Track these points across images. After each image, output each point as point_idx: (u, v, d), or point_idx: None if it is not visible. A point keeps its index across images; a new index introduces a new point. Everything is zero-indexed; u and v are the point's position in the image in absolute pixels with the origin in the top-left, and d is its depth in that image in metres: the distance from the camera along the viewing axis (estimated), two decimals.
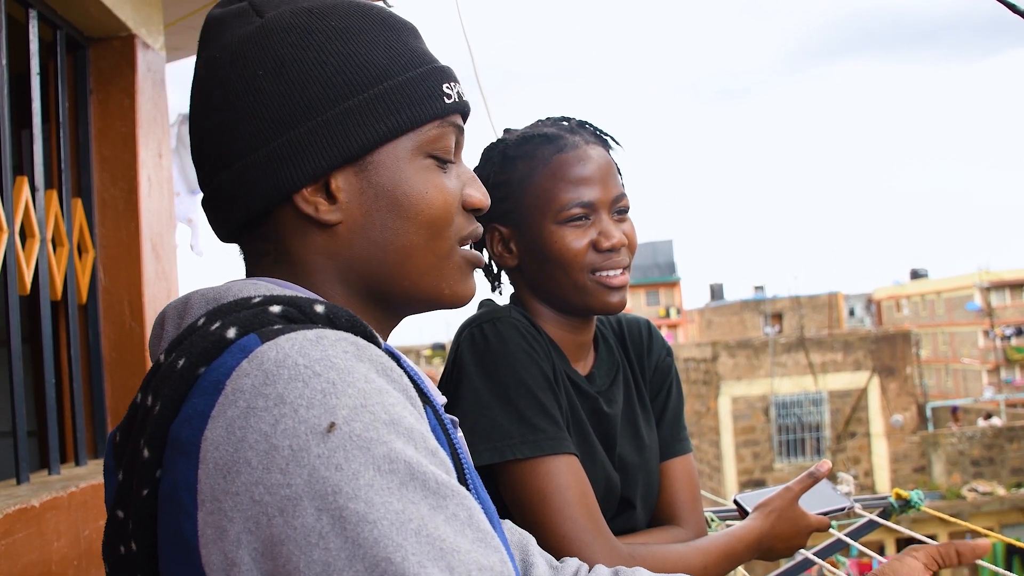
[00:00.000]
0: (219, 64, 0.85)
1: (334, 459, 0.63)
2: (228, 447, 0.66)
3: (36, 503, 1.83)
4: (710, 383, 19.76)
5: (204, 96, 0.87)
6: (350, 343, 0.71)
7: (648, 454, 1.55)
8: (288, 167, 0.83)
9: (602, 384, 1.54)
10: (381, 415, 0.67)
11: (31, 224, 2.17)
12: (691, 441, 1.63)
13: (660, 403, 1.62)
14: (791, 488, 1.49)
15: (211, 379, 0.70)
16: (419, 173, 0.88)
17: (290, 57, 0.84)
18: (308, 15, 0.86)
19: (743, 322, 35.35)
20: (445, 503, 0.66)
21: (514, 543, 1.11)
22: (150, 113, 2.75)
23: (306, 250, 0.87)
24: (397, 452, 0.65)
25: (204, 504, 0.66)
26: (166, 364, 0.75)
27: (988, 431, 20.18)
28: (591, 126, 1.55)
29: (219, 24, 0.88)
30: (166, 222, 2.85)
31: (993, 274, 39.81)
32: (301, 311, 0.75)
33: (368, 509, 0.62)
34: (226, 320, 0.74)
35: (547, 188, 1.45)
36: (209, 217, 0.92)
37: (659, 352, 1.64)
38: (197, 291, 0.84)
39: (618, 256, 1.46)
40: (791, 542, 1.49)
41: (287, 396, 0.66)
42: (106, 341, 2.59)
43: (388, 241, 0.87)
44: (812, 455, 19.69)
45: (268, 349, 0.69)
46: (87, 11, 2.47)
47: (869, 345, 20.16)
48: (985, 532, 2.05)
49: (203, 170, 0.89)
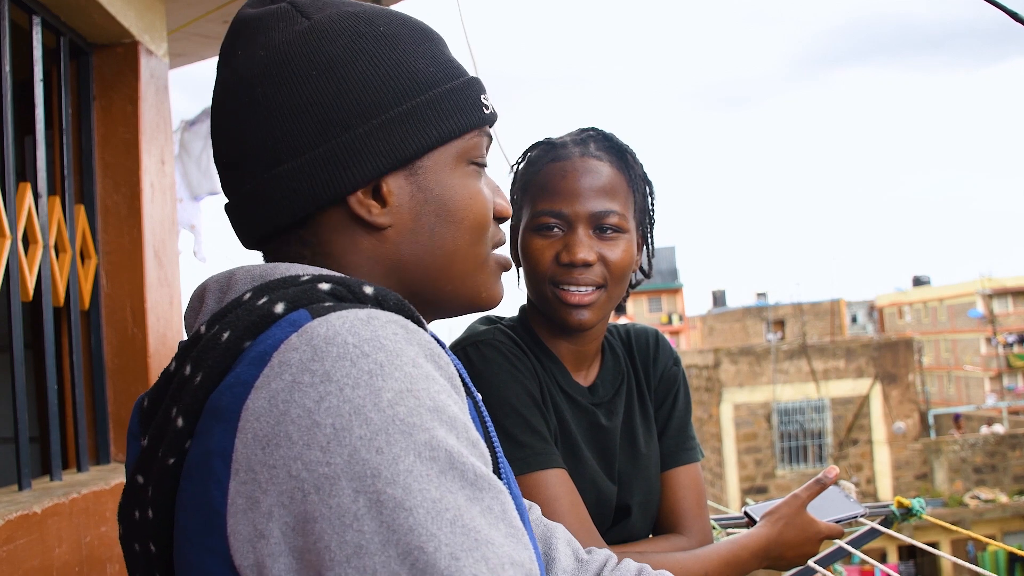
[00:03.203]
0: (266, 62, 0.83)
1: (375, 442, 0.63)
2: (270, 419, 0.66)
3: (38, 509, 1.83)
4: (712, 390, 19.75)
5: (245, 94, 0.84)
6: (400, 325, 0.71)
7: (644, 463, 1.54)
8: (344, 168, 0.83)
9: (604, 395, 1.54)
10: (426, 401, 0.66)
11: (34, 230, 2.17)
12: (699, 449, 1.62)
13: (665, 411, 1.61)
14: (798, 495, 1.48)
15: (258, 350, 0.70)
16: (463, 179, 0.90)
17: (343, 59, 0.84)
18: (356, 19, 0.86)
19: (745, 329, 35.31)
20: (482, 495, 0.65)
21: (538, 534, 1.10)
22: (153, 120, 2.76)
23: (350, 253, 0.87)
24: (439, 440, 0.65)
25: (238, 473, 0.66)
26: (208, 336, 0.75)
27: (990, 438, 20.14)
28: (610, 140, 1.51)
29: (258, 24, 0.86)
30: (169, 228, 2.85)
31: (996, 281, 39.76)
32: (350, 290, 0.75)
33: (405, 495, 0.62)
34: (274, 296, 0.74)
35: (531, 194, 1.47)
36: (239, 220, 0.89)
37: (665, 361, 1.63)
38: (242, 267, 0.83)
39: (583, 273, 1.42)
40: (801, 549, 1.47)
41: (334, 374, 0.65)
42: (108, 347, 2.59)
43: (435, 245, 0.89)
44: (814, 462, 19.66)
45: (318, 325, 0.69)
46: (90, 18, 2.47)
47: (871, 352, 20.15)
48: (987, 540, 2.04)
49: (238, 170, 0.86)
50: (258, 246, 0.90)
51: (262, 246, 0.90)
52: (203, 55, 3.72)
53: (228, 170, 0.87)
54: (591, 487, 1.46)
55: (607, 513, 1.49)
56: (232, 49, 0.87)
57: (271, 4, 0.88)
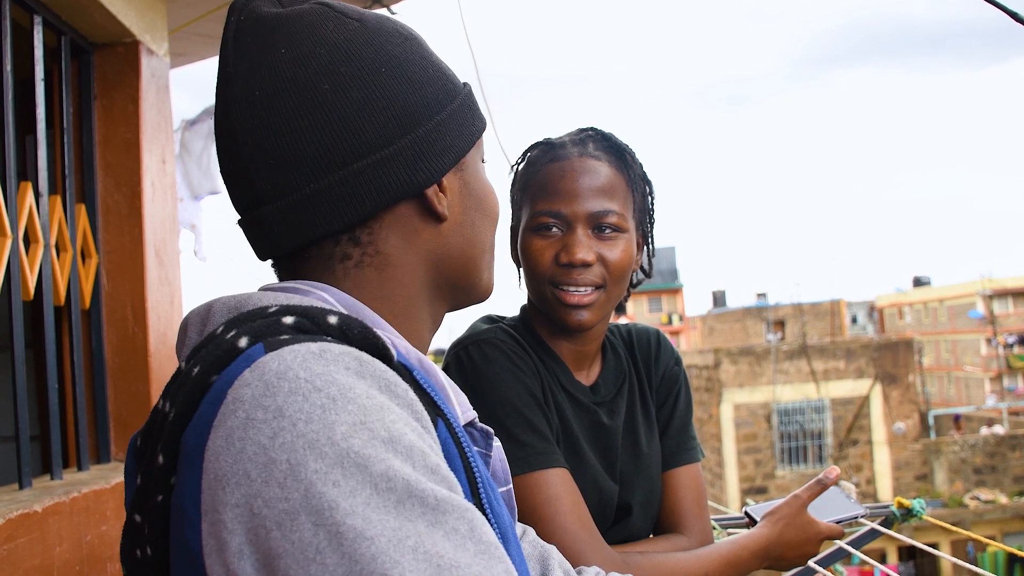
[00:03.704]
0: (330, 59, 0.82)
1: (331, 475, 0.63)
2: (228, 458, 0.66)
3: (38, 508, 1.83)
4: (712, 390, 19.74)
5: (305, 92, 0.81)
6: (353, 358, 0.71)
7: (646, 462, 1.54)
8: (424, 162, 0.86)
9: (607, 394, 1.54)
10: (380, 432, 0.66)
11: (35, 229, 2.18)
12: (700, 449, 1.62)
13: (667, 411, 1.61)
14: (799, 496, 1.48)
15: (217, 388, 0.70)
16: (485, 175, 0.96)
17: (404, 58, 0.86)
18: (392, 23, 0.89)
19: (745, 329, 35.31)
20: (445, 518, 0.65)
21: (535, 555, 1.11)
22: (154, 119, 2.76)
23: (404, 250, 0.88)
24: (395, 469, 0.65)
25: (207, 514, 0.66)
26: (184, 371, 0.76)
27: (990, 439, 20.13)
28: (608, 140, 1.51)
29: (299, 23, 0.84)
30: (169, 228, 2.85)
31: (996, 282, 39.76)
32: (314, 322, 0.75)
33: (365, 525, 0.62)
34: (241, 329, 0.74)
35: (530, 194, 1.47)
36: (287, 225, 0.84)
37: (667, 361, 1.64)
38: (220, 299, 0.83)
39: (582, 274, 1.41)
40: (801, 550, 1.47)
41: (286, 409, 0.66)
42: (109, 346, 2.60)
43: (475, 237, 0.94)
44: (814, 463, 19.66)
45: (270, 360, 0.69)
46: (92, 17, 2.48)
47: (871, 353, 20.14)
48: (987, 541, 2.05)
49: (296, 171, 0.82)
50: (292, 253, 0.87)
51: (299, 251, 0.87)
52: (204, 55, 3.72)
53: (276, 174, 0.83)
54: (593, 486, 1.46)
55: (608, 512, 1.49)
56: (267, 48, 0.83)
57: (297, 4, 0.87)
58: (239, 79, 0.84)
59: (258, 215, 0.85)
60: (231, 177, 0.87)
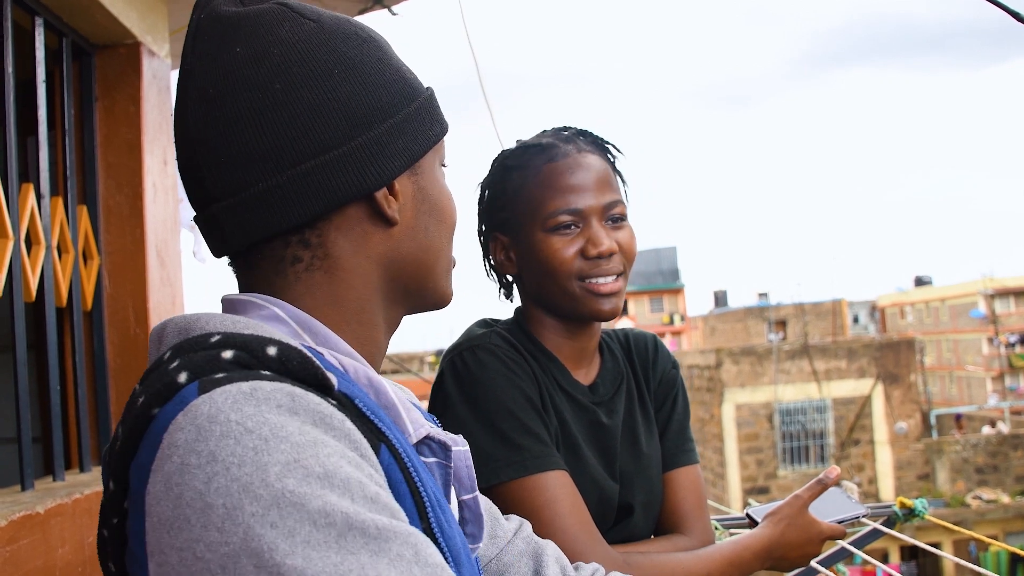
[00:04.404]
0: (283, 60, 0.82)
1: (268, 516, 0.63)
2: (168, 503, 0.66)
3: (41, 510, 1.83)
4: (714, 390, 19.74)
5: (256, 92, 0.82)
6: (285, 394, 0.70)
7: (646, 462, 1.55)
8: (373, 165, 0.85)
9: (605, 393, 1.55)
10: (315, 468, 0.66)
11: (36, 231, 2.18)
12: (697, 452, 1.63)
13: (665, 413, 1.63)
14: (800, 496, 1.49)
15: (154, 429, 0.71)
16: (442, 179, 0.95)
17: (358, 60, 0.86)
18: (351, 24, 0.89)
19: (747, 329, 35.30)
20: (388, 545, 0.65)
21: (528, 552, 1.11)
22: (155, 120, 2.76)
23: (353, 252, 0.87)
24: (332, 505, 0.65)
25: (153, 555, 0.67)
26: (135, 395, 0.76)
27: (992, 438, 20.12)
28: (590, 134, 1.56)
29: (255, 21, 0.84)
30: (171, 229, 2.85)
31: (997, 281, 39.72)
32: (252, 355, 0.75)
33: (306, 564, 0.62)
34: (182, 360, 0.74)
35: (537, 197, 1.48)
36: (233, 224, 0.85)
37: (664, 365, 1.66)
38: (173, 319, 0.83)
39: (608, 263, 1.46)
40: (803, 550, 1.47)
41: (218, 454, 0.65)
42: (111, 348, 2.60)
43: (428, 243, 0.92)
44: (816, 462, 19.65)
45: (202, 403, 0.69)
46: (93, 19, 2.48)
47: (873, 352, 20.13)
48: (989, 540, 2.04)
49: (242, 171, 0.83)
50: (244, 253, 0.87)
51: (249, 252, 0.87)
52: None
53: (224, 172, 0.83)
54: (593, 486, 1.46)
55: (609, 512, 1.49)
56: (222, 47, 0.84)
57: (256, 4, 0.87)
58: (195, 77, 0.85)
59: (210, 213, 0.85)
60: (185, 174, 0.87)
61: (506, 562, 1.09)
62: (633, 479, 1.53)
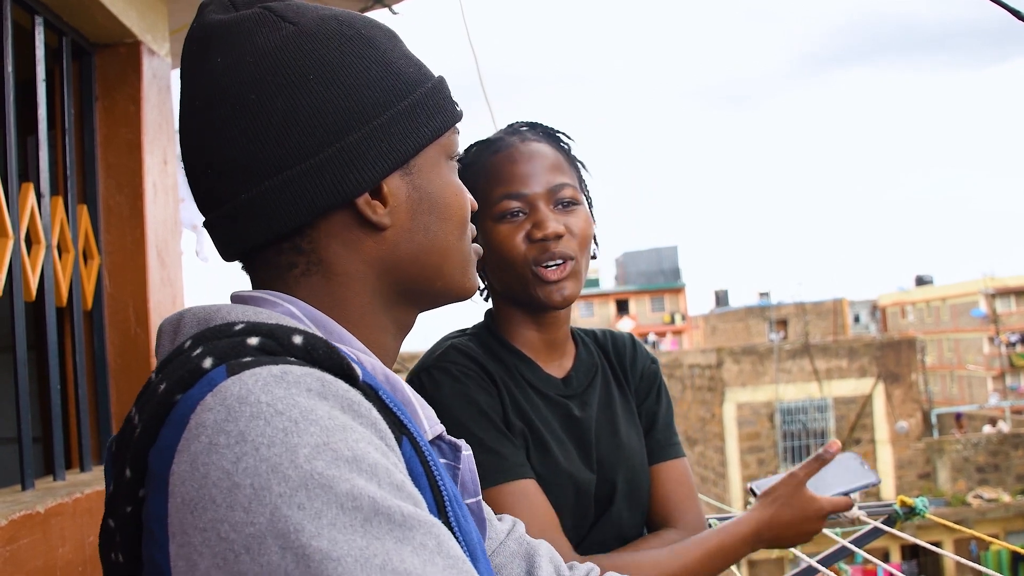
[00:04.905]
0: (256, 69, 0.83)
1: (296, 498, 0.63)
2: (193, 483, 0.66)
3: (41, 509, 1.83)
4: (715, 389, 19.73)
5: (234, 102, 0.83)
6: (315, 379, 0.71)
7: (626, 452, 1.54)
8: (352, 170, 0.84)
9: (579, 385, 1.55)
10: (344, 452, 0.66)
11: (36, 230, 2.18)
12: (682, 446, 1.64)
13: (650, 408, 1.64)
14: (795, 474, 1.48)
15: (180, 411, 0.70)
16: (448, 175, 0.93)
17: (336, 63, 0.84)
18: (337, 22, 0.87)
19: (748, 328, 35.29)
20: (412, 534, 0.65)
21: (520, 552, 1.11)
22: (155, 120, 2.76)
23: (346, 258, 0.87)
24: (360, 489, 0.65)
25: (175, 537, 0.67)
26: (153, 385, 0.76)
27: (993, 437, 20.11)
28: (540, 125, 1.56)
29: (236, 29, 0.85)
30: (171, 229, 2.85)
31: (998, 280, 39.71)
32: (279, 342, 0.75)
33: (331, 547, 0.62)
34: (206, 347, 0.74)
35: (483, 189, 1.49)
36: (228, 232, 0.87)
37: (643, 361, 1.67)
38: (191, 309, 0.83)
39: (556, 246, 1.44)
40: (800, 528, 1.47)
41: (248, 434, 0.65)
42: (111, 347, 2.60)
43: (430, 242, 0.90)
44: None
45: (232, 384, 0.69)
46: (93, 18, 2.48)
47: (874, 351, 20.12)
48: (990, 539, 2.04)
49: (230, 181, 0.84)
50: (246, 257, 0.89)
51: (250, 257, 0.89)
52: None
53: (215, 181, 0.85)
54: (567, 480, 1.46)
55: (587, 503, 1.49)
56: (206, 56, 0.85)
57: (244, 9, 0.87)
58: (185, 87, 0.87)
59: (207, 221, 0.88)
60: (188, 179, 0.89)
61: (498, 563, 1.09)
62: (613, 467, 1.52)
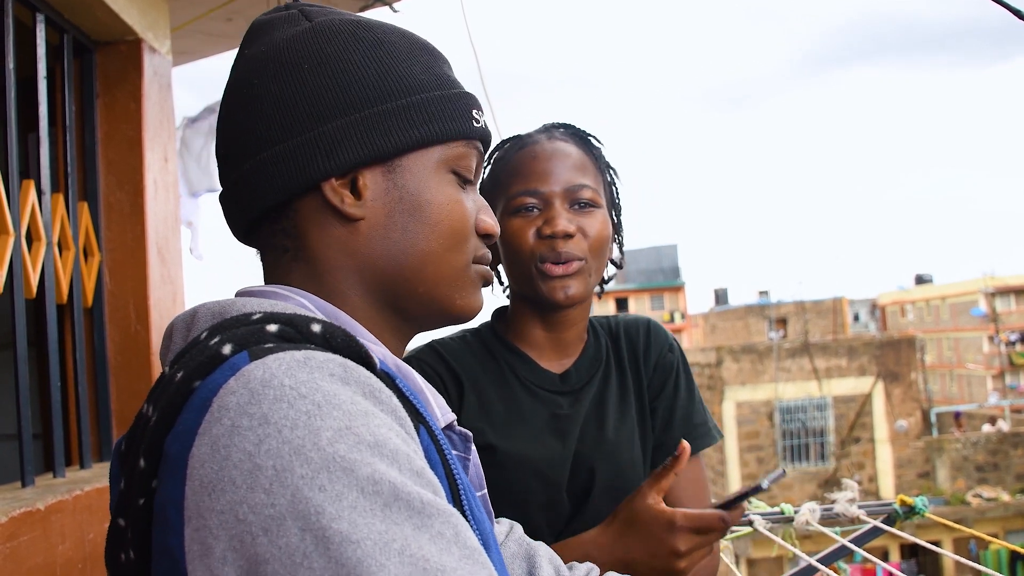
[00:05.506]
0: (262, 58, 0.88)
1: (317, 480, 0.63)
2: (213, 465, 0.66)
3: (41, 506, 1.83)
4: (714, 388, 19.74)
5: (241, 88, 0.89)
6: (338, 364, 0.71)
7: (611, 448, 1.49)
8: (320, 157, 0.86)
9: (577, 382, 1.52)
10: (366, 437, 0.66)
11: (37, 227, 2.18)
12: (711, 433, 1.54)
13: (666, 401, 1.56)
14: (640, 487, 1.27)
15: (201, 396, 0.70)
16: (442, 185, 0.91)
17: (335, 56, 0.87)
18: (356, 24, 0.90)
19: (747, 327, 35.28)
20: (430, 522, 0.65)
21: (521, 553, 1.11)
22: (156, 117, 2.76)
23: (325, 244, 0.88)
24: (381, 473, 0.65)
25: (191, 520, 0.67)
26: (168, 376, 0.76)
27: (993, 436, 20.11)
28: (571, 126, 1.56)
29: (267, 26, 0.91)
30: (172, 226, 2.85)
31: (998, 279, 39.70)
32: (298, 330, 0.76)
33: (351, 529, 0.62)
34: (224, 336, 0.75)
35: (504, 183, 1.49)
36: (227, 212, 0.93)
37: (659, 349, 1.58)
38: (204, 304, 0.84)
39: (564, 245, 1.42)
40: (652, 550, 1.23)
41: (271, 416, 0.66)
42: (111, 344, 2.60)
43: (407, 244, 0.90)
44: (816, 460, 19.67)
45: (255, 368, 0.69)
46: (94, 15, 2.48)
47: (873, 350, 20.12)
48: (989, 538, 2.04)
49: (227, 163, 0.90)
50: (246, 238, 0.94)
51: (250, 238, 0.93)
52: (206, 52, 3.72)
53: (221, 161, 0.91)
54: (535, 478, 1.44)
55: (559, 498, 1.46)
56: (241, 50, 0.92)
57: (284, 10, 0.92)
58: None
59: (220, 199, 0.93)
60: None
61: None
62: (591, 462, 1.48)
